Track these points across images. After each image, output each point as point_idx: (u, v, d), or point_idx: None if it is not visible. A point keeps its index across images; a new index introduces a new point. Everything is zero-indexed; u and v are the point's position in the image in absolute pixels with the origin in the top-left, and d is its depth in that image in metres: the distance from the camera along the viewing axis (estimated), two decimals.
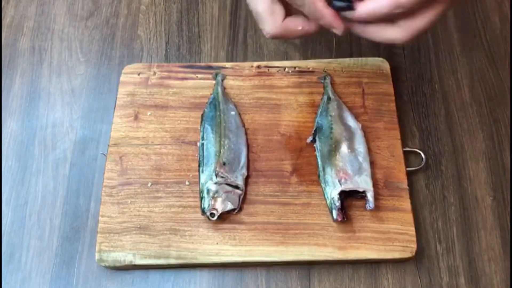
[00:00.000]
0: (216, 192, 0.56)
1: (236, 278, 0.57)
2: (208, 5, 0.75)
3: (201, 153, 0.59)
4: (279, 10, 0.48)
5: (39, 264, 0.58)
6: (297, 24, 0.48)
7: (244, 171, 0.59)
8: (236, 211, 0.57)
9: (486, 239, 0.58)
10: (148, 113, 0.64)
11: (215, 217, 0.55)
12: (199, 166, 0.59)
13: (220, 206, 0.56)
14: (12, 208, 0.61)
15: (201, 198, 0.57)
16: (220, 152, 0.58)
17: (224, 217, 0.57)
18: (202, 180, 0.58)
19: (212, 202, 0.56)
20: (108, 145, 0.62)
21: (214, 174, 0.57)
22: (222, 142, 0.59)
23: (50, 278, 0.58)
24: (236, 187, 0.57)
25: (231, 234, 0.56)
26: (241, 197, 0.58)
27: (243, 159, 0.59)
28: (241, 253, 0.56)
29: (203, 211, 0.56)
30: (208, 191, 0.56)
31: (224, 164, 0.58)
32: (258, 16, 0.48)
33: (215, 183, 0.57)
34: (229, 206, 0.56)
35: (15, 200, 0.62)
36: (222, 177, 0.57)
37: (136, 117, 0.64)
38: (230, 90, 0.65)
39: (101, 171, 0.61)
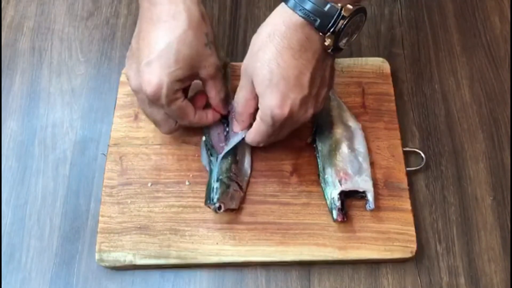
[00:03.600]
0: (228, 186, 0.56)
1: (236, 278, 0.57)
2: (208, 5, 0.75)
3: (208, 146, 0.59)
4: (190, 106, 0.55)
5: (39, 264, 0.58)
6: (203, 115, 0.57)
7: (248, 173, 0.59)
8: (234, 211, 0.57)
9: (486, 239, 0.58)
10: None
11: (222, 211, 0.55)
12: (210, 154, 0.58)
13: (228, 202, 0.56)
14: (12, 208, 0.61)
15: (211, 189, 0.56)
16: (237, 148, 0.58)
17: (224, 217, 0.57)
18: (216, 171, 0.57)
19: (223, 196, 0.56)
20: (108, 145, 0.62)
21: (230, 168, 0.57)
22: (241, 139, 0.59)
23: (50, 278, 0.58)
24: (241, 188, 0.57)
25: (231, 234, 0.56)
26: (241, 199, 0.58)
27: (247, 161, 0.60)
28: (241, 253, 0.56)
29: (211, 201, 0.55)
30: (221, 183, 0.56)
31: (237, 162, 0.58)
32: (175, 116, 0.55)
33: (229, 177, 0.57)
34: (232, 205, 0.56)
35: (15, 200, 0.62)
36: (235, 173, 0.57)
37: (136, 117, 0.64)
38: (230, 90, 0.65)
39: (101, 171, 0.61)
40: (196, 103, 0.57)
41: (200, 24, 0.51)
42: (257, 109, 0.52)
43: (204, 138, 0.60)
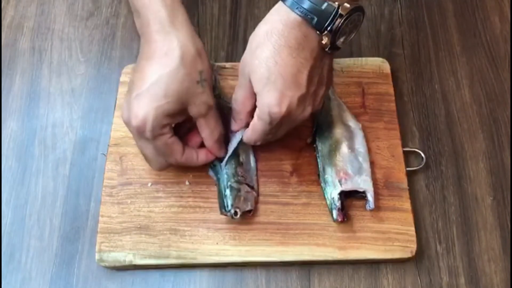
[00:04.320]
0: (239, 190, 0.56)
1: (236, 278, 0.57)
2: (208, 5, 0.75)
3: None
4: (179, 145, 0.54)
5: (39, 264, 0.58)
6: (193, 155, 0.56)
7: (256, 171, 0.59)
8: (251, 213, 0.57)
9: (486, 239, 0.58)
10: None
11: (238, 216, 0.55)
12: (213, 165, 0.58)
13: (243, 205, 0.56)
14: (12, 208, 0.61)
15: (223, 197, 0.56)
16: (239, 151, 0.58)
17: (225, 217, 0.57)
18: (224, 178, 0.57)
19: (236, 201, 0.55)
20: (108, 145, 0.62)
21: (235, 172, 0.57)
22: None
23: (50, 278, 0.58)
24: (252, 187, 0.57)
25: (231, 234, 0.56)
26: (256, 198, 0.57)
27: (252, 160, 0.60)
28: (241, 253, 0.56)
29: (226, 210, 0.55)
30: (232, 188, 0.56)
31: (242, 164, 0.58)
32: (170, 151, 0.53)
33: (237, 181, 0.56)
34: (248, 207, 0.56)
35: (15, 200, 0.62)
36: (242, 176, 0.57)
37: None
38: (230, 90, 0.65)
39: (101, 171, 0.61)
40: (188, 141, 0.56)
41: (194, 61, 0.50)
42: (255, 107, 0.52)
43: None
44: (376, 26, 0.72)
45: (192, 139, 0.56)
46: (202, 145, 0.56)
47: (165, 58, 0.49)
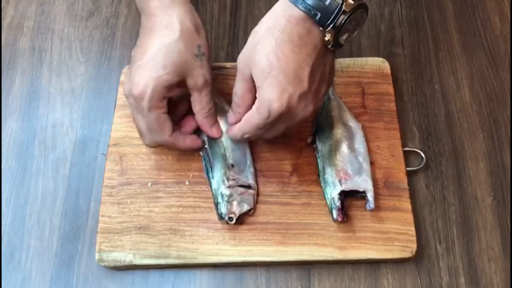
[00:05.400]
0: (231, 195, 0.56)
1: (236, 278, 0.57)
2: (208, 5, 0.75)
3: (206, 159, 0.59)
4: (169, 125, 0.54)
5: (39, 264, 0.58)
6: (180, 139, 0.56)
7: (252, 169, 0.59)
8: (252, 211, 0.57)
9: (486, 239, 0.58)
10: None
11: (234, 221, 0.55)
12: (207, 173, 0.59)
13: (237, 209, 0.56)
14: (12, 208, 0.61)
15: (216, 204, 0.57)
16: (225, 155, 0.58)
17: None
18: (214, 185, 0.57)
19: (229, 206, 0.56)
20: (108, 145, 0.62)
21: (225, 178, 0.57)
22: (225, 145, 0.59)
23: (50, 278, 0.58)
24: (249, 186, 0.57)
25: (231, 234, 0.56)
26: (255, 196, 0.57)
27: (248, 158, 0.59)
28: (241, 253, 0.56)
29: (221, 217, 0.56)
30: (222, 196, 0.56)
31: (232, 166, 0.58)
32: (160, 127, 0.54)
33: (228, 186, 0.56)
34: (245, 207, 0.56)
35: (15, 200, 0.62)
36: (234, 179, 0.57)
37: None
38: (230, 91, 0.65)
39: (101, 171, 0.61)
40: (184, 124, 0.58)
41: (192, 35, 0.52)
42: (254, 101, 0.51)
43: (202, 151, 0.60)
44: (376, 26, 0.72)
45: (188, 122, 0.58)
46: (196, 133, 0.58)
47: (164, 31, 0.51)
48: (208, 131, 0.58)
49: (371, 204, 0.56)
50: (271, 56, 0.48)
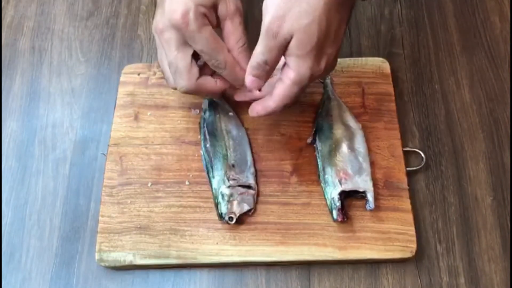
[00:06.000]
0: (231, 195, 0.56)
1: (236, 278, 0.57)
2: None
3: (207, 159, 0.59)
4: (196, 69, 0.52)
5: (39, 264, 0.58)
6: (209, 83, 0.53)
7: (253, 169, 0.59)
8: (252, 211, 0.57)
9: (486, 239, 0.58)
10: (148, 113, 0.64)
11: (234, 221, 0.55)
12: (207, 172, 0.59)
13: (237, 208, 0.56)
14: (12, 208, 0.61)
15: (217, 204, 0.57)
16: (227, 155, 0.58)
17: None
18: (215, 185, 0.57)
19: (229, 206, 0.56)
20: (108, 145, 0.62)
21: (225, 178, 0.57)
22: (227, 145, 0.59)
23: (50, 278, 0.58)
24: (249, 187, 0.57)
25: (231, 234, 0.56)
26: (255, 196, 0.57)
27: (249, 158, 0.59)
28: (241, 253, 0.56)
29: (221, 217, 0.56)
30: (223, 195, 0.56)
31: (233, 166, 0.58)
32: (177, 71, 0.52)
33: (228, 186, 0.56)
34: (246, 208, 0.56)
35: (15, 200, 0.62)
36: (234, 179, 0.57)
37: (136, 117, 0.64)
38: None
39: (101, 171, 0.62)
40: (205, 69, 0.54)
41: None
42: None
43: (201, 151, 0.60)
44: (376, 26, 0.72)
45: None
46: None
47: None
48: (244, 67, 0.51)
49: (371, 204, 0.56)
50: (319, 20, 0.43)
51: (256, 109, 0.53)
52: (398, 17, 0.73)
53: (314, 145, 0.61)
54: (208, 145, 0.59)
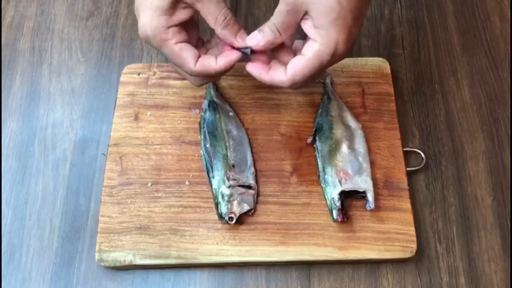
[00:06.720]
0: (231, 195, 0.56)
1: (236, 278, 0.57)
2: None
3: (207, 159, 0.59)
4: (189, 53, 0.50)
5: (39, 264, 0.58)
6: (210, 62, 0.50)
7: (253, 169, 0.59)
8: (252, 211, 0.57)
9: (486, 239, 0.58)
10: (148, 113, 0.64)
11: (234, 221, 0.55)
12: (207, 172, 0.59)
13: (237, 208, 0.56)
14: (12, 208, 0.61)
15: (217, 203, 0.57)
16: (227, 155, 0.58)
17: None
18: (215, 185, 0.57)
19: (229, 206, 0.56)
20: (108, 145, 0.62)
21: (225, 178, 0.57)
22: (227, 145, 0.59)
23: (50, 278, 0.58)
24: (249, 187, 0.57)
25: (231, 234, 0.56)
26: (255, 196, 0.57)
27: (249, 158, 0.59)
28: (241, 253, 0.56)
29: (221, 216, 0.56)
30: (223, 195, 0.56)
31: (233, 166, 0.58)
32: (176, 64, 0.51)
33: (228, 186, 0.56)
34: (246, 208, 0.56)
35: (15, 200, 0.62)
36: (234, 179, 0.57)
37: (136, 117, 0.64)
38: (230, 90, 0.65)
39: (101, 171, 0.62)
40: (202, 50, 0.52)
41: None
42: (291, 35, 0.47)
43: (201, 150, 0.60)
44: (376, 26, 0.72)
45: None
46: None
47: None
48: (234, 42, 0.50)
49: (371, 204, 0.56)
50: None
51: (262, 75, 0.50)
52: (398, 17, 0.73)
53: (314, 145, 0.61)
54: (208, 145, 0.59)
